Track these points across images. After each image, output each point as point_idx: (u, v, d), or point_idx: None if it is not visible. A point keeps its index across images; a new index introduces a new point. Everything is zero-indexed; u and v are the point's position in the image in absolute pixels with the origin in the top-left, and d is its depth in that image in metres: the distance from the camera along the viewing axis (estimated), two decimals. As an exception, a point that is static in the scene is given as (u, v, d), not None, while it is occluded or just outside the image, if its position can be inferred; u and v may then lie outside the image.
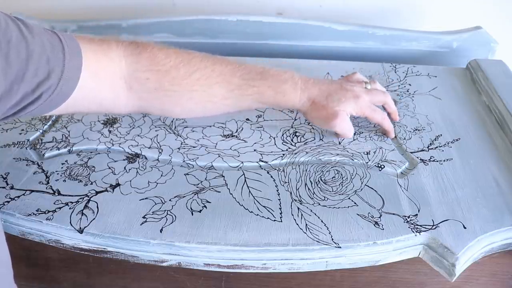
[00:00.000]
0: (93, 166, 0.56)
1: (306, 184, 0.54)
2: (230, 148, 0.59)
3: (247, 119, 0.65)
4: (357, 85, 0.59)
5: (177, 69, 0.52)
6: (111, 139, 0.61)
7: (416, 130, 0.62)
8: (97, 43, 0.50)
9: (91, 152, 0.59)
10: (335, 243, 0.47)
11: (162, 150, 0.59)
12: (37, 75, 0.42)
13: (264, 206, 0.51)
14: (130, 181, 0.54)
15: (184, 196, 0.52)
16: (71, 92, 0.46)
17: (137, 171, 0.56)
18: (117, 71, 0.50)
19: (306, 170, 0.56)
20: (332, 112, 0.57)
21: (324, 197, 0.52)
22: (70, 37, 0.47)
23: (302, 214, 0.50)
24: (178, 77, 0.52)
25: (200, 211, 0.50)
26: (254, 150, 0.59)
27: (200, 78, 0.53)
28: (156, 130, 0.63)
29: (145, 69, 0.51)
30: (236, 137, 0.62)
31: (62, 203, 0.51)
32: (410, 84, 0.73)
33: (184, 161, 0.57)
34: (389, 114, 0.63)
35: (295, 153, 0.58)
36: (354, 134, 0.61)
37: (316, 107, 0.57)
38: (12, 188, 0.53)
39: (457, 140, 0.61)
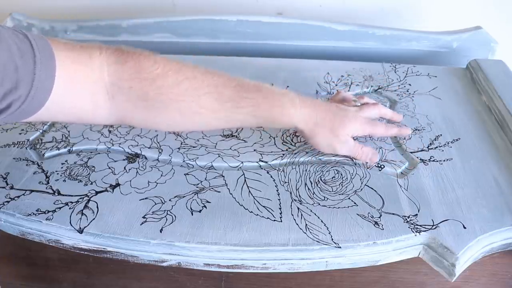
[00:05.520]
0: (93, 166, 0.56)
1: (306, 184, 0.54)
2: (230, 148, 0.59)
3: (247, 119, 0.65)
4: (347, 105, 0.58)
5: (164, 78, 0.48)
6: (111, 139, 0.61)
7: (416, 130, 0.62)
8: (76, 51, 0.46)
9: (91, 152, 0.59)
10: (335, 243, 0.47)
11: (162, 150, 0.59)
12: (3, 85, 0.40)
13: (264, 206, 0.51)
14: (130, 181, 0.54)
15: (184, 196, 0.52)
16: (44, 101, 0.44)
17: (137, 171, 0.56)
18: (98, 81, 0.47)
19: (306, 170, 0.56)
20: (339, 138, 0.55)
21: (324, 197, 0.52)
22: (44, 44, 0.44)
23: (302, 214, 0.50)
24: (165, 86, 0.49)
25: (200, 211, 0.50)
26: (254, 150, 0.59)
27: (188, 88, 0.49)
28: (156, 130, 0.63)
29: (128, 78, 0.48)
30: (236, 137, 0.62)
31: (62, 203, 0.51)
32: (410, 84, 0.73)
33: (184, 161, 0.57)
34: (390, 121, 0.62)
35: (295, 153, 0.58)
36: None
37: (319, 131, 0.54)
38: (12, 188, 0.53)
39: (457, 140, 0.61)
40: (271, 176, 0.55)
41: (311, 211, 0.50)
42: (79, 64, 0.46)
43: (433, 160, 0.57)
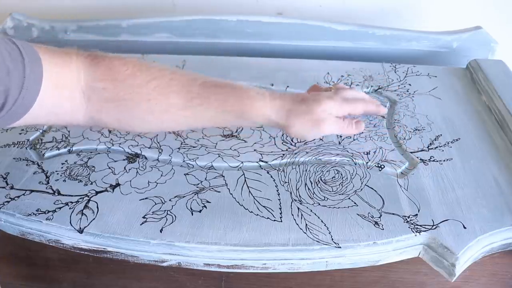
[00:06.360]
0: (93, 166, 0.56)
1: (306, 184, 0.54)
2: (230, 148, 0.59)
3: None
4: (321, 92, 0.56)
5: (133, 77, 0.51)
6: (111, 139, 0.61)
7: (416, 130, 0.62)
8: (58, 55, 0.49)
9: (91, 152, 0.59)
10: (335, 243, 0.47)
11: (162, 150, 0.59)
12: None
13: (264, 206, 0.51)
14: (130, 181, 0.54)
15: (184, 196, 0.52)
16: (32, 103, 0.45)
17: (137, 171, 0.56)
18: (75, 83, 0.49)
19: (306, 170, 0.56)
20: (317, 116, 0.52)
21: (324, 197, 0.52)
22: (30, 49, 0.46)
23: (302, 214, 0.50)
24: (135, 85, 0.51)
25: (200, 211, 0.50)
26: (254, 150, 0.59)
27: (157, 86, 0.51)
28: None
29: (101, 78, 0.50)
30: (236, 137, 0.62)
31: (62, 203, 0.51)
32: (410, 84, 0.73)
33: (184, 161, 0.57)
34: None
35: (295, 153, 0.58)
36: (354, 134, 0.60)
37: (295, 116, 0.52)
38: (12, 188, 0.53)
39: (457, 140, 0.61)
40: (271, 176, 0.55)
41: (311, 211, 0.50)
42: (61, 68, 0.48)
43: (433, 160, 0.57)
